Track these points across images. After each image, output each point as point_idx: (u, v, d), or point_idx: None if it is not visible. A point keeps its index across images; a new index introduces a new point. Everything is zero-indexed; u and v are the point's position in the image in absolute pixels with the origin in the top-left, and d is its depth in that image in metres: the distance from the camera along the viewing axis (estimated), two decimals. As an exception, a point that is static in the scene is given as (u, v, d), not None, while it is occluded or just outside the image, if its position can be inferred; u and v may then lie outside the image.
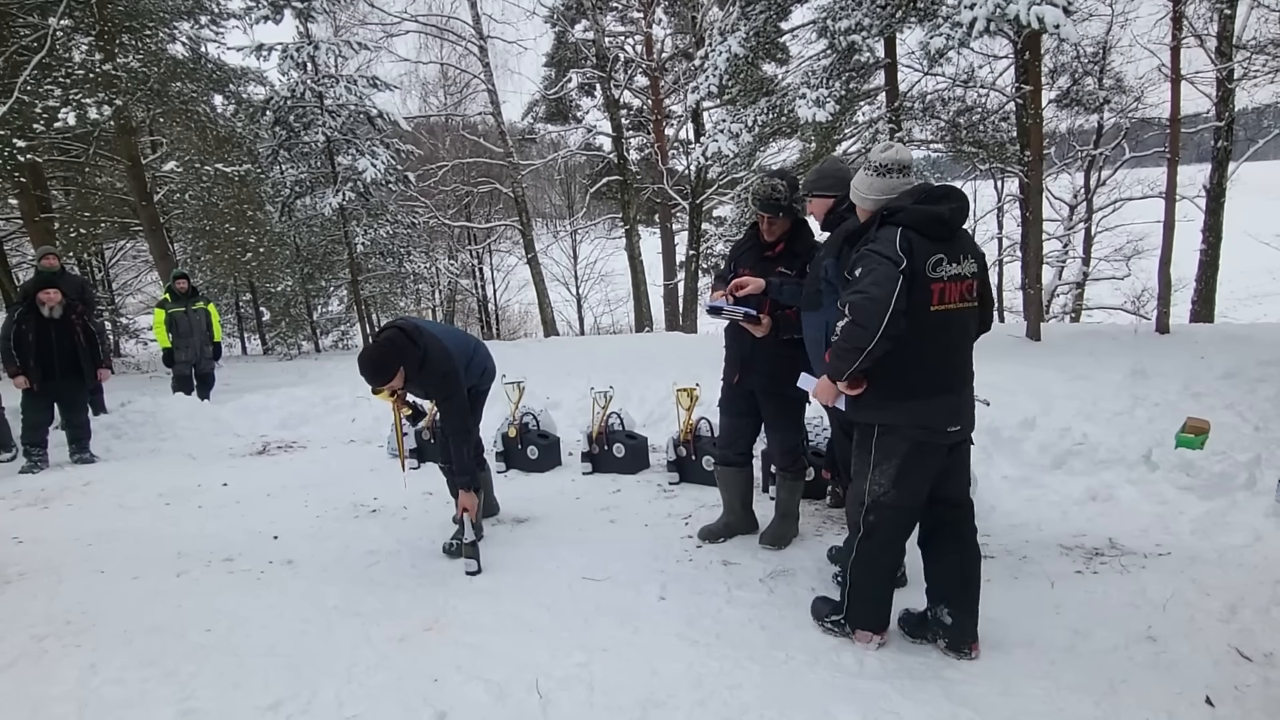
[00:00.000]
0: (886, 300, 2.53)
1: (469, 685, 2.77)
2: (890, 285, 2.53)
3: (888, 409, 2.70)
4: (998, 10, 6.96)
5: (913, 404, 2.66)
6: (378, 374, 3.53)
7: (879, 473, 2.74)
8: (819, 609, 3.05)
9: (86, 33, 11.43)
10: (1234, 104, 12.00)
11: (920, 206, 2.62)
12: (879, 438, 2.73)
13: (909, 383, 2.65)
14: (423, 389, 3.83)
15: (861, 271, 2.65)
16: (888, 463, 2.72)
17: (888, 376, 2.65)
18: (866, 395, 2.72)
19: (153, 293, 18.31)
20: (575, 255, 25.33)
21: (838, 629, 2.94)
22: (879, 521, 2.77)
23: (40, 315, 6.26)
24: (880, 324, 2.54)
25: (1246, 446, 4.65)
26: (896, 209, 2.65)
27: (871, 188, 2.75)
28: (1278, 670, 2.62)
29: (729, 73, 9.93)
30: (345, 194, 13.95)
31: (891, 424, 2.70)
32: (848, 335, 2.62)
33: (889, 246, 2.57)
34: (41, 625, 3.39)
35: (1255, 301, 18.85)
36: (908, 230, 2.59)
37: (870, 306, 2.56)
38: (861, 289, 2.60)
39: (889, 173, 2.72)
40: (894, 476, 2.73)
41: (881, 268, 2.56)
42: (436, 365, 3.68)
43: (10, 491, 5.63)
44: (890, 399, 2.68)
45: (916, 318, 2.58)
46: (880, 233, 2.64)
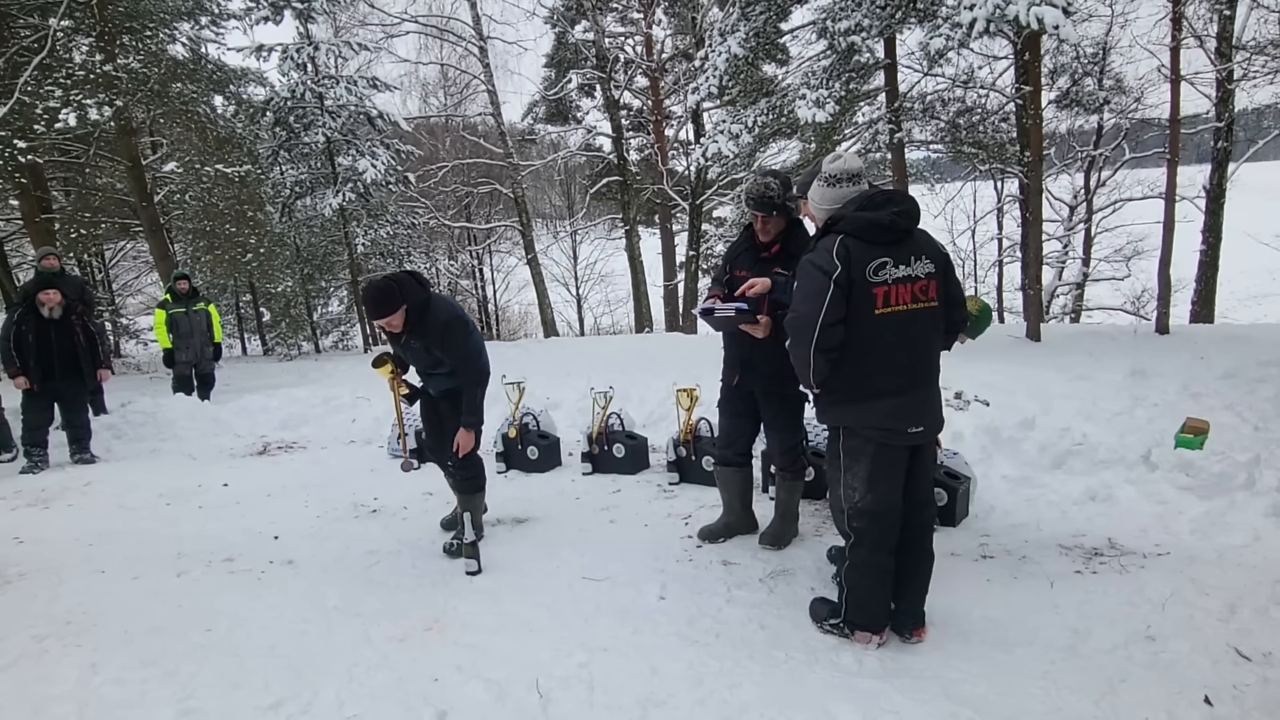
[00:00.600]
0: (813, 315, 2.62)
1: (469, 685, 2.78)
2: (817, 300, 2.61)
3: (846, 411, 2.77)
4: (997, 11, 6.96)
5: (868, 406, 2.72)
6: (380, 304, 3.52)
7: (850, 477, 2.80)
8: (817, 611, 3.07)
9: (87, 33, 11.44)
10: (1234, 104, 12.00)
11: (859, 214, 2.67)
12: (844, 441, 2.80)
13: (862, 385, 2.71)
14: (424, 340, 3.69)
15: (797, 283, 2.75)
16: (858, 465, 2.78)
17: (843, 380, 2.72)
18: (828, 398, 2.78)
19: (153, 293, 18.31)
20: (575, 256, 25.33)
21: (836, 631, 2.96)
22: (865, 527, 2.80)
23: (40, 316, 6.27)
24: (810, 339, 2.63)
25: (1246, 446, 4.66)
26: (838, 218, 2.71)
27: (824, 198, 2.80)
28: (1276, 670, 2.62)
29: (729, 73, 9.94)
30: (345, 195, 13.97)
31: (852, 426, 2.76)
32: (791, 351, 2.77)
33: (824, 256, 2.64)
34: (42, 625, 3.40)
35: (1255, 302, 18.86)
36: (846, 238, 2.64)
37: (797, 324, 2.69)
38: (793, 305, 2.74)
39: (838, 182, 2.76)
40: (866, 480, 2.77)
41: (810, 280, 2.65)
42: (440, 312, 3.67)
43: (11, 492, 5.63)
44: (847, 401, 2.75)
45: (862, 323, 2.64)
46: (820, 242, 2.71)
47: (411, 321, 3.64)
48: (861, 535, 2.81)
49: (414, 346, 3.77)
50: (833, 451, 2.86)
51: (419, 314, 3.64)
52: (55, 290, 6.34)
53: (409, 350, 3.82)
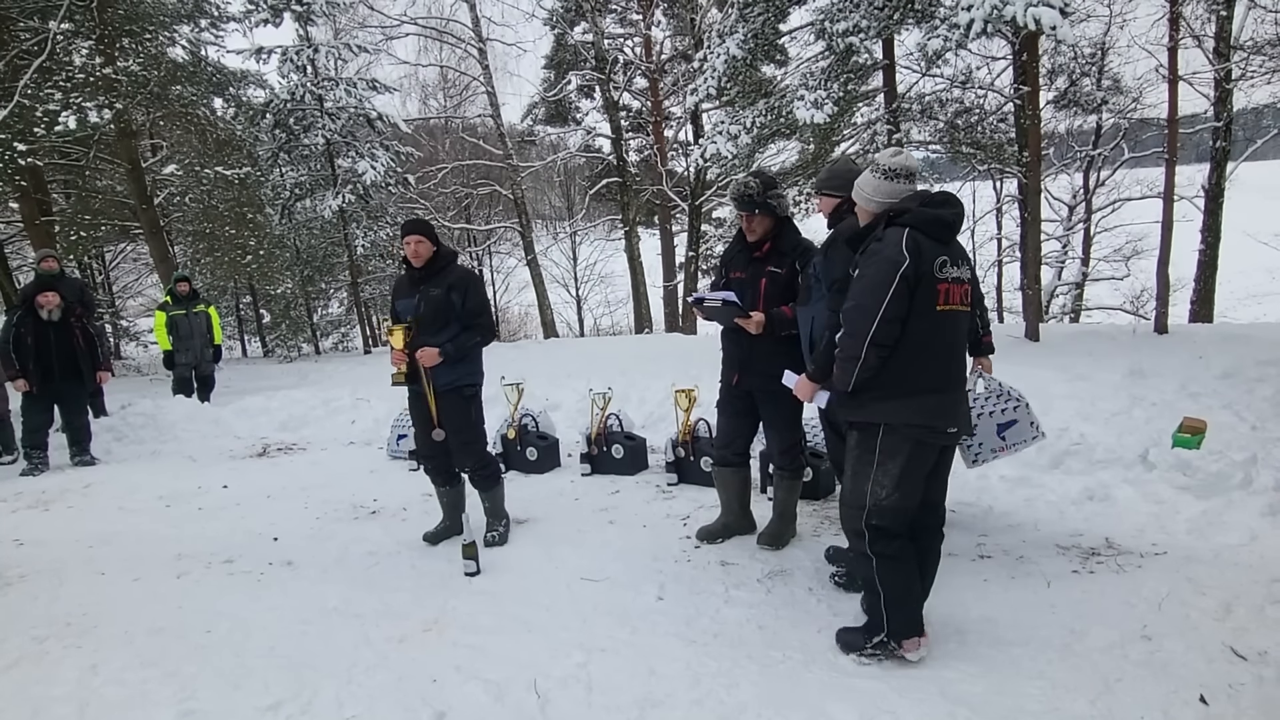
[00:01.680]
0: (875, 308, 2.53)
1: (468, 685, 2.78)
2: (882, 291, 2.53)
3: (890, 407, 2.65)
4: (995, 12, 6.97)
5: (917, 401, 2.63)
6: (420, 225, 3.90)
7: (882, 473, 2.69)
8: (852, 641, 2.84)
9: (87, 36, 11.47)
10: (1232, 104, 12.01)
11: (926, 209, 2.64)
12: (883, 437, 2.68)
13: (915, 380, 2.63)
14: (445, 286, 3.87)
15: (859, 274, 2.64)
16: (891, 463, 2.68)
17: (894, 373, 2.62)
18: (869, 393, 2.67)
19: (153, 295, 18.33)
20: (575, 257, 25.35)
21: (883, 651, 2.76)
22: (885, 525, 2.71)
23: (39, 318, 6.29)
24: (867, 332, 2.55)
25: (1243, 446, 4.66)
26: (902, 210, 2.65)
27: (877, 190, 2.74)
28: (1272, 669, 2.63)
29: (728, 74, 9.94)
30: (345, 196, 13.99)
31: (894, 423, 2.66)
32: (842, 345, 2.64)
33: (893, 247, 2.56)
34: (42, 627, 3.41)
35: (1254, 301, 18.86)
36: (914, 231, 2.59)
37: (855, 314, 2.58)
38: (854, 294, 2.62)
39: (895, 177, 2.72)
40: (897, 478, 2.68)
41: (876, 270, 2.56)
42: (464, 268, 4.07)
43: (11, 494, 5.64)
44: (895, 396, 2.64)
45: (925, 317, 2.58)
46: (887, 233, 2.63)
47: (437, 266, 3.89)
48: (879, 531, 2.72)
49: (432, 294, 3.86)
50: (865, 447, 2.73)
51: (446, 261, 3.93)
52: (54, 293, 6.36)
53: (425, 299, 3.87)
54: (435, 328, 3.87)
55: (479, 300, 3.96)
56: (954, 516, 4.03)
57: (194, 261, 15.20)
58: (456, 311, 3.89)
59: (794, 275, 3.56)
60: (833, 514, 4.34)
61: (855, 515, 2.76)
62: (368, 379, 9.83)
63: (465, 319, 3.91)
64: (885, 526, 2.71)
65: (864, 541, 2.74)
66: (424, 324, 3.89)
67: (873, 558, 2.73)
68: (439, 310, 3.86)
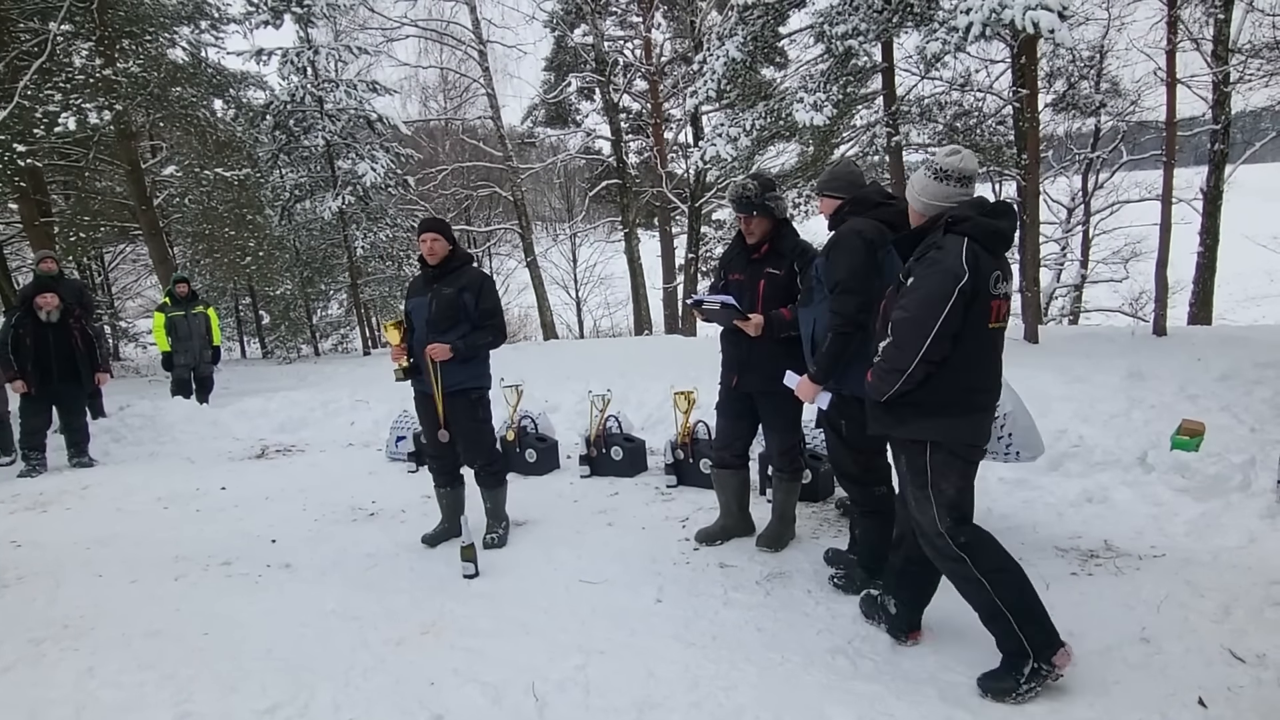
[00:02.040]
0: (930, 322, 2.41)
1: (466, 688, 2.78)
2: (939, 306, 2.41)
3: (940, 425, 2.55)
4: (993, 15, 6.98)
5: (964, 420, 2.55)
6: (437, 223, 3.95)
7: (938, 495, 2.57)
8: (1003, 686, 2.53)
9: (87, 38, 11.47)
10: (1230, 107, 12.02)
11: (986, 219, 2.49)
12: (930, 455, 2.57)
13: (962, 398, 2.53)
14: (458, 286, 3.91)
15: (914, 282, 2.49)
16: (945, 481, 2.58)
17: (941, 390, 2.51)
18: (912, 408, 2.56)
19: (152, 297, 18.33)
20: (575, 258, 25.35)
21: (1038, 680, 2.50)
22: (973, 539, 2.56)
23: (38, 319, 6.28)
24: (920, 347, 2.43)
25: (1242, 448, 4.66)
26: (963, 218, 2.49)
27: (925, 189, 2.60)
28: (1270, 671, 2.63)
29: (727, 77, 9.95)
30: (345, 198, 13.99)
31: (941, 440, 2.56)
32: (887, 355, 2.52)
33: (954, 258, 2.42)
34: (39, 629, 3.40)
35: (1253, 303, 18.88)
36: (973, 243, 2.45)
37: (908, 328, 2.45)
38: (907, 305, 2.48)
39: (947, 179, 2.56)
40: (954, 496, 2.58)
41: (934, 283, 2.43)
42: (478, 270, 4.05)
43: (9, 495, 5.64)
44: (941, 414, 2.53)
45: (976, 334, 2.47)
46: (946, 241, 2.48)
47: (452, 266, 3.94)
48: (974, 548, 2.56)
49: (444, 293, 3.89)
50: (916, 467, 2.60)
51: (461, 262, 3.98)
52: (52, 294, 6.36)
53: (437, 298, 3.89)
54: (444, 327, 3.89)
55: (492, 302, 4.00)
56: (953, 519, 4.03)
57: (193, 263, 15.20)
58: (468, 312, 3.92)
59: (793, 277, 3.56)
60: (832, 516, 4.34)
61: (945, 545, 2.58)
62: (367, 381, 9.83)
63: (479, 320, 3.95)
64: (974, 540, 2.59)
65: (967, 566, 2.54)
66: (433, 323, 3.90)
67: (983, 579, 2.53)
68: (449, 309, 3.88)
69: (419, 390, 4.07)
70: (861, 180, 3.33)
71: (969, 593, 2.61)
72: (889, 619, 2.94)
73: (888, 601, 2.94)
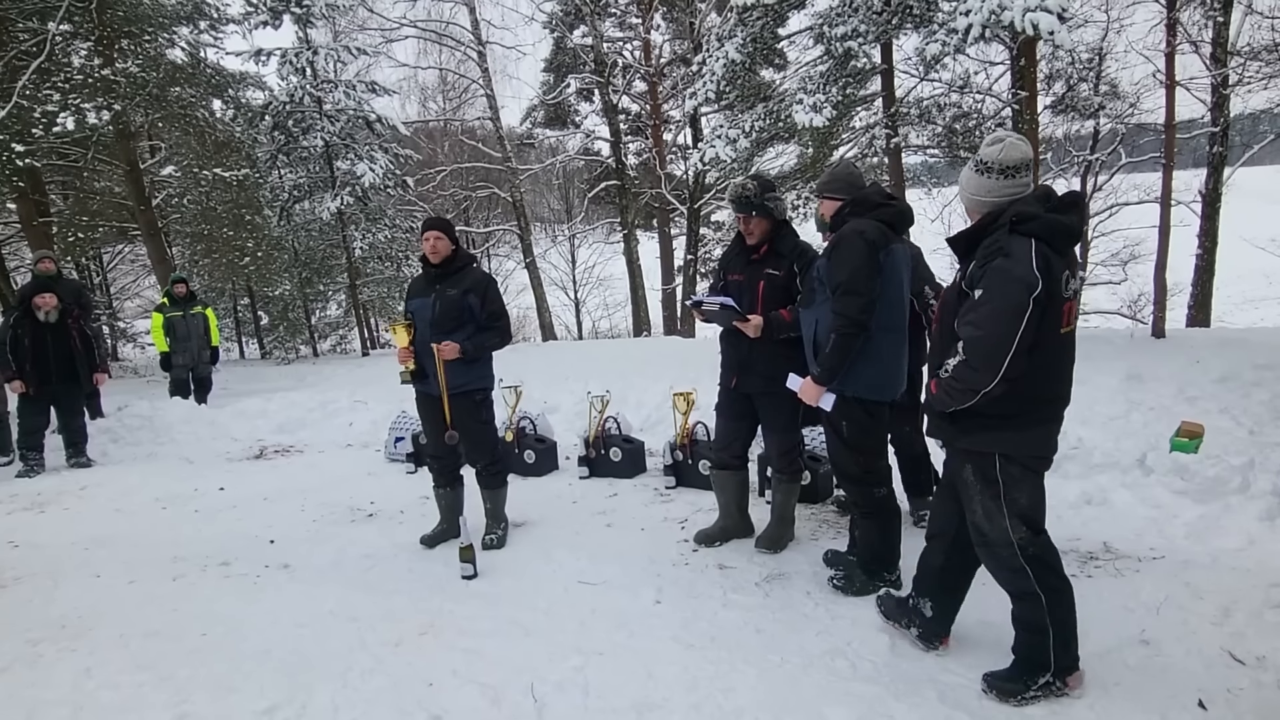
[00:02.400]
0: (1008, 340, 2.24)
1: (464, 689, 2.78)
2: (1014, 321, 2.24)
3: (1012, 438, 2.41)
4: (993, 17, 6.99)
5: (1037, 432, 2.44)
6: (440, 223, 3.93)
7: (1011, 504, 2.46)
8: (1011, 688, 2.54)
9: (86, 38, 11.47)
10: (1229, 109, 12.04)
11: (1053, 216, 2.30)
12: (1001, 467, 2.45)
13: (1035, 409, 2.40)
14: (463, 287, 3.90)
15: (983, 294, 2.30)
16: (1018, 491, 2.46)
17: (1013, 401, 2.36)
18: (978, 419, 2.41)
19: (151, 297, 18.30)
20: (573, 260, 25.33)
21: (1047, 692, 2.52)
22: (1042, 554, 2.49)
23: (36, 320, 6.27)
24: (999, 367, 2.26)
25: (1241, 450, 4.67)
26: (1028, 216, 2.30)
27: (969, 184, 2.45)
28: (1270, 674, 2.63)
29: (726, 78, 9.96)
30: (344, 198, 13.98)
31: (1011, 452, 2.43)
32: (962, 376, 2.35)
33: (1025, 265, 2.24)
34: (37, 629, 3.39)
35: (1251, 306, 18.91)
36: (1041, 244, 2.26)
37: (985, 346, 2.28)
38: (979, 322, 2.30)
39: (989, 172, 2.40)
40: (1028, 508, 2.47)
41: (1007, 295, 2.25)
42: (481, 271, 4.03)
43: (7, 495, 5.62)
44: (1013, 427, 2.40)
45: (1050, 341, 2.31)
46: (1012, 245, 2.28)
47: (454, 267, 3.92)
48: (1041, 563, 2.48)
49: (448, 295, 3.88)
50: (987, 479, 2.47)
51: (464, 263, 3.96)
52: (51, 294, 6.35)
53: (441, 299, 3.88)
54: (448, 328, 3.89)
55: (498, 303, 4.00)
56: (952, 520, 4.03)
57: (192, 263, 15.18)
58: (473, 313, 3.92)
59: (792, 278, 3.56)
60: (831, 517, 4.34)
61: (1010, 555, 2.48)
62: (366, 381, 9.82)
63: (486, 322, 3.95)
64: (1043, 555, 2.50)
65: (1029, 579, 2.48)
66: (437, 324, 3.89)
67: (1042, 595, 2.47)
68: (454, 311, 3.88)
69: (421, 391, 4.06)
70: (861, 181, 3.33)
71: (1022, 605, 2.55)
72: (922, 622, 2.84)
73: (923, 604, 2.83)
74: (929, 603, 2.81)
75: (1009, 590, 2.57)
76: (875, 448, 3.31)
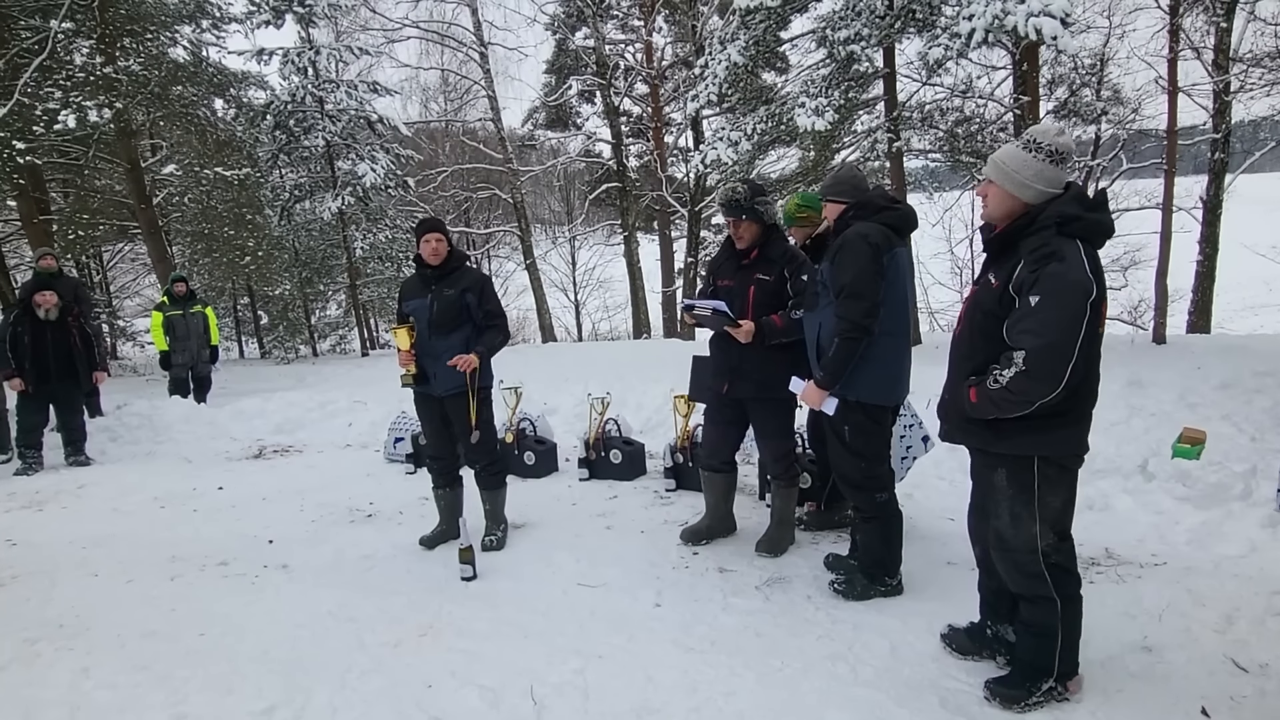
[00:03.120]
0: (1070, 347, 2.17)
1: (463, 691, 2.76)
2: (1075, 328, 2.18)
3: (1053, 439, 2.36)
4: (996, 21, 7.00)
5: (1075, 431, 2.38)
6: (436, 225, 3.89)
7: (1045, 508, 2.41)
8: (1013, 695, 2.52)
9: (88, 36, 11.47)
10: (1231, 116, 12.05)
11: (1095, 215, 2.25)
12: (1039, 470, 2.39)
13: (1073, 409, 2.34)
14: (460, 286, 3.89)
15: (1041, 299, 2.21)
16: (1054, 495, 2.42)
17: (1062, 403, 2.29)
18: (1014, 422, 2.35)
19: (150, 295, 18.29)
20: (574, 261, 25.34)
21: (1052, 694, 2.51)
22: (1063, 562, 2.47)
23: (36, 318, 6.25)
24: (1063, 377, 2.19)
25: (1242, 457, 4.65)
26: (1072, 217, 2.24)
27: (1039, 175, 2.31)
28: (1273, 681, 2.61)
29: (728, 81, 9.96)
30: (344, 198, 13.98)
31: (1050, 455, 2.38)
32: (1019, 386, 2.24)
33: (1079, 269, 2.18)
34: (34, 628, 3.38)
35: (1251, 313, 18.90)
36: (1087, 244, 2.22)
37: (1050, 358, 2.19)
38: (1039, 330, 2.20)
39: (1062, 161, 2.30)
40: (1059, 510, 2.43)
41: (1066, 302, 2.18)
42: (478, 270, 4.03)
43: (5, 494, 5.60)
44: (1052, 428, 2.33)
45: (1092, 342, 2.26)
46: (1064, 248, 2.21)
47: (450, 267, 3.90)
48: (1061, 570, 2.45)
49: (446, 295, 3.87)
50: (1022, 483, 2.41)
51: (459, 263, 3.95)
52: (51, 292, 6.33)
53: (439, 300, 3.87)
54: (447, 329, 3.87)
55: (495, 302, 4.01)
56: (953, 525, 4.02)
57: (192, 262, 15.18)
58: (471, 313, 3.91)
59: (783, 283, 3.56)
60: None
61: (1030, 560, 2.45)
62: (365, 382, 9.81)
63: (484, 321, 3.95)
64: (1064, 562, 2.47)
65: (1046, 585, 2.45)
66: (436, 324, 3.87)
67: (1058, 601, 2.46)
68: (452, 311, 3.87)
69: (419, 391, 4.05)
70: (866, 185, 3.33)
71: (1033, 609, 2.51)
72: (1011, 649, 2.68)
73: (1005, 631, 2.73)
74: (1010, 628, 2.71)
75: (1020, 593, 2.54)
76: (878, 452, 3.30)
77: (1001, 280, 2.34)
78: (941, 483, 4.81)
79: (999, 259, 2.41)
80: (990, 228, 2.47)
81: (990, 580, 2.73)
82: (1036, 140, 2.31)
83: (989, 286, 2.40)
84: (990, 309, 2.38)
